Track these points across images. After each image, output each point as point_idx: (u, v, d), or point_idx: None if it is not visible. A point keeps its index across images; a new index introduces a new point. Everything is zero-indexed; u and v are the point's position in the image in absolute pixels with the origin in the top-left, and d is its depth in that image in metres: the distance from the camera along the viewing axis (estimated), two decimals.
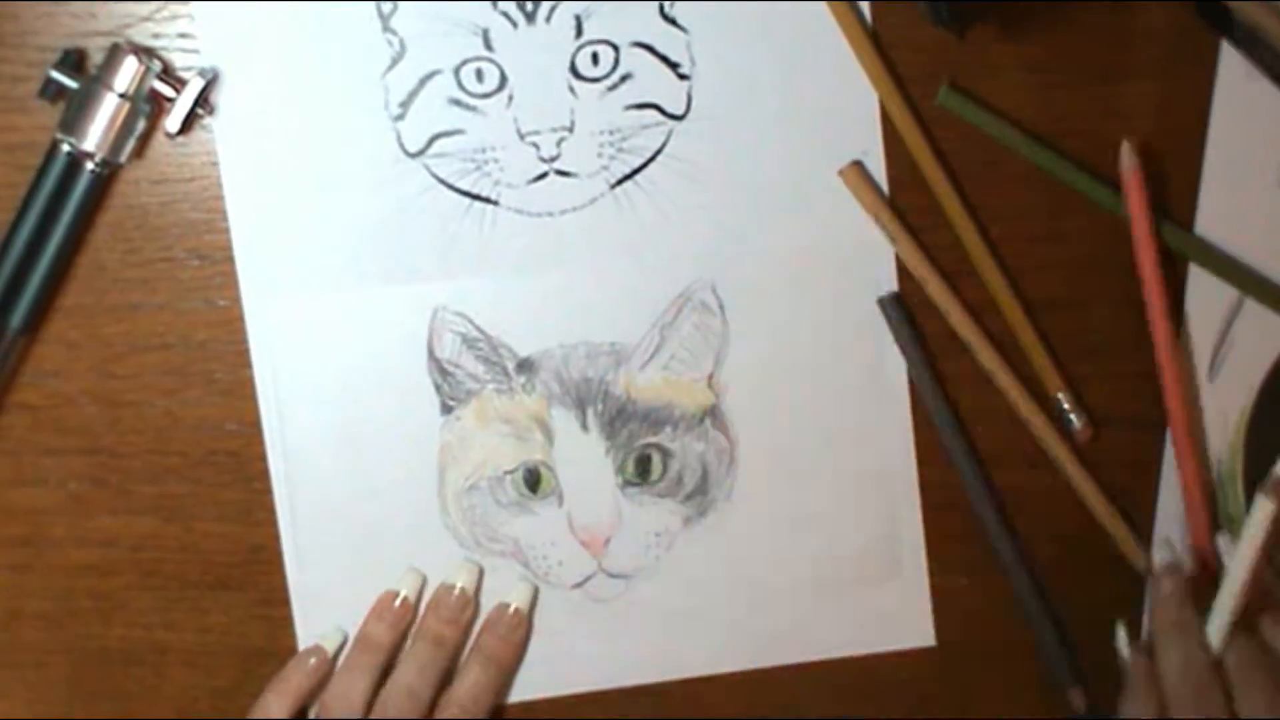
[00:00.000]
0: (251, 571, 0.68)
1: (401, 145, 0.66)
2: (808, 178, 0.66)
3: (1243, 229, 0.67)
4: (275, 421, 0.67)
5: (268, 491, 0.68)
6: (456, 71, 0.65)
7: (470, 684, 0.67)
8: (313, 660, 0.67)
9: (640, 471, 0.68)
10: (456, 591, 0.68)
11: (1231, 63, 0.66)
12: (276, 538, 0.68)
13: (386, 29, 0.65)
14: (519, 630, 0.68)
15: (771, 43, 0.65)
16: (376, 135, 0.65)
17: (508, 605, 0.68)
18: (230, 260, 0.66)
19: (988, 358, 0.67)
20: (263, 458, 0.67)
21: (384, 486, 0.68)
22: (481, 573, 0.68)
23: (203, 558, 0.68)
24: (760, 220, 0.67)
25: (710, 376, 0.68)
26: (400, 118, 0.65)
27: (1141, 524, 0.70)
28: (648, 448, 0.68)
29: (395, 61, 0.65)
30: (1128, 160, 0.65)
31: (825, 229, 0.67)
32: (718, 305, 0.67)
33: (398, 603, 0.68)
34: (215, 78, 0.65)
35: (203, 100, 0.64)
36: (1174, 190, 0.67)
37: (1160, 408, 0.68)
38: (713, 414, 0.68)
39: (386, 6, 0.65)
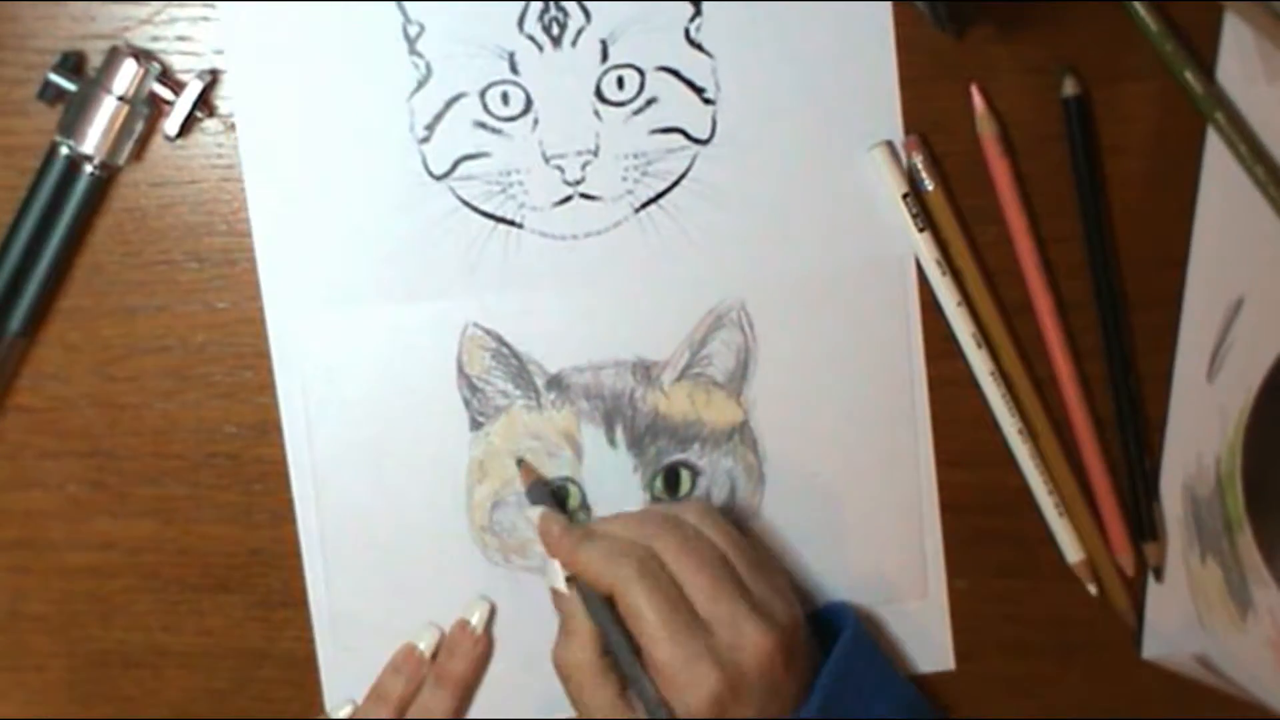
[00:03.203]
0: (250, 574, 0.68)
1: (427, 167, 0.66)
2: (831, 201, 0.66)
3: (1243, 227, 0.67)
4: (303, 438, 0.67)
5: (267, 494, 0.68)
6: (482, 94, 0.65)
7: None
8: None
9: (669, 488, 0.68)
10: (469, 629, 0.68)
11: (1230, 64, 0.66)
12: (275, 540, 0.68)
13: (413, 52, 0.65)
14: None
15: (796, 68, 0.65)
16: (402, 157, 0.65)
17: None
18: (229, 263, 0.66)
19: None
20: (261, 460, 0.67)
21: (412, 502, 0.67)
22: (494, 610, 0.68)
23: (201, 560, 0.68)
24: (785, 242, 0.67)
25: (739, 393, 0.68)
26: (426, 140, 0.65)
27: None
28: (676, 464, 0.68)
29: (421, 84, 0.65)
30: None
31: (849, 248, 0.67)
32: (746, 323, 0.67)
33: (416, 654, 0.68)
34: (214, 80, 0.65)
35: (202, 102, 0.64)
36: (1172, 190, 0.67)
37: (1160, 408, 0.68)
38: (741, 431, 0.68)
39: (413, 29, 0.65)
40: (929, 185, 0.66)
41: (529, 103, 0.65)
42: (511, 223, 0.66)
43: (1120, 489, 0.69)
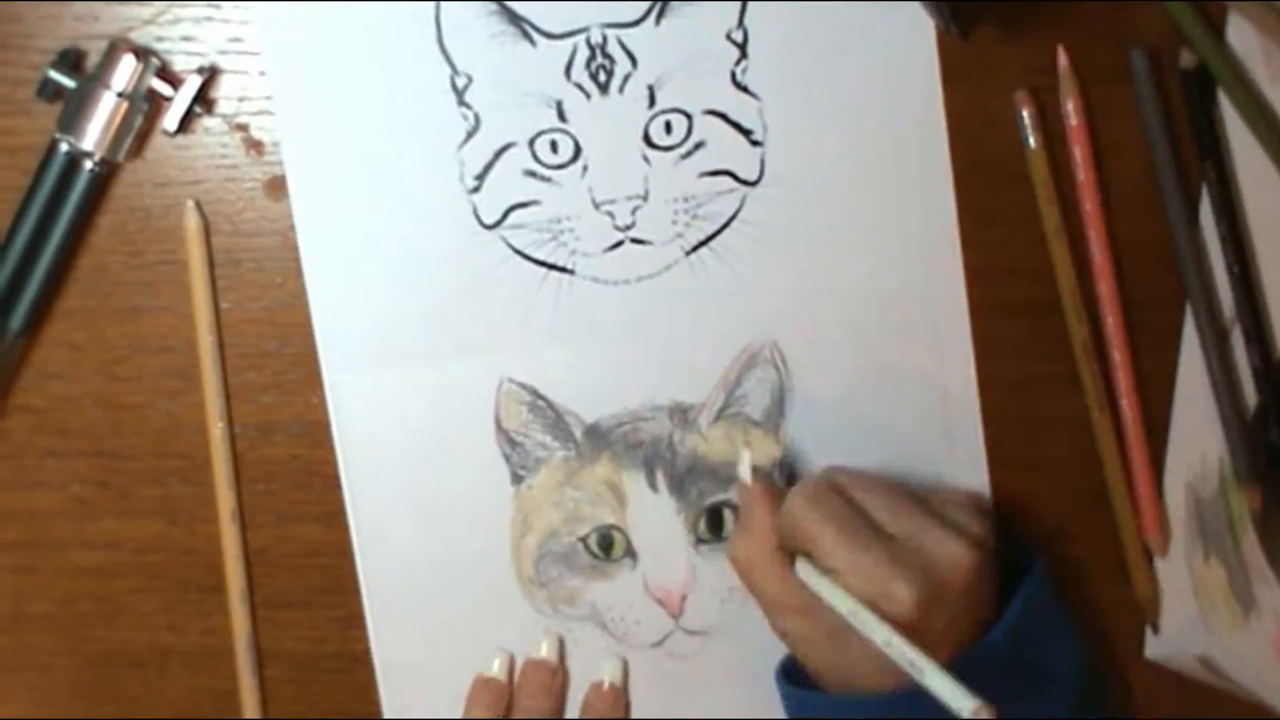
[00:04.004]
0: (254, 574, 0.68)
1: (478, 217, 0.66)
2: (878, 238, 0.66)
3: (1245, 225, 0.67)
4: (355, 498, 0.67)
5: (270, 494, 0.68)
6: (531, 143, 0.65)
7: None
8: None
9: (713, 528, 0.68)
10: (542, 663, 0.68)
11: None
12: (279, 540, 0.68)
13: (461, 103, 0.65)
14: (617, 706, 0.68)
15: (842, 108, 0.66)
16: (453, 208, 0.66)
17: (601, 682, 0.69)
18: (233, 263, 0.66)
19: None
20: (264, 460, 0.68)
21: (460, 558, 0.68)
22: (563, 641, 0.69)
23: (205, 560, 0.68)
24: (830, 280, 0.67)
25: (777, 430, 0.68)
26: (476, 190, 0.65)
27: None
28: (719, 505, 0.68)
29: (470, 135, 0.65)
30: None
31: (893, 285, 0.67)
32: (780, 360, 0.67)
33: (493, 684, 0.68)
34: (213, 76, 0.65)
35: (201, 98, 0.64)
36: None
37: (1164, 408, 0.69)
38: (780, 466, 0.68)
39: (461, 81, 0.65)
40: (1032, 143, 0.66)
41: (578, 150, 0.65)
42: (563, 269, 0.66)
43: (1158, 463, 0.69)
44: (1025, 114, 0.66)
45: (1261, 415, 0.66)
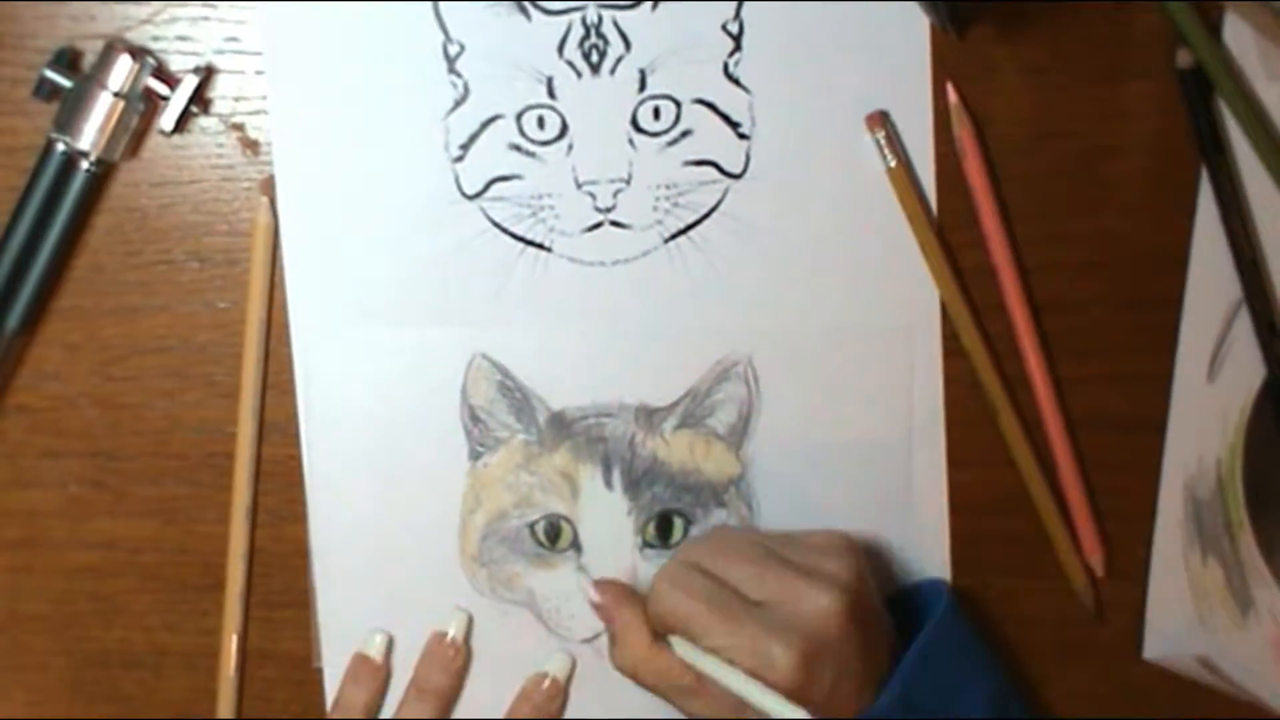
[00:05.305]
0: (251, 574, 0.68)
1: (459, 187, 0.66)
2: (859, 248, 0.66)
3: None
4: (312, 453, 0.67)
5: (267, 494, 0.68)
6: (518, 117, 0.65)
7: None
8: None
9: (661, 534, 0.68)
10: (448, 640, 0.68)
11: None
12: (276, 540, 0.68)
13: (452, 71, 0.65)
14: (553, 702, 0.68)
15: (833, 107, 0.65)
16: (435, 176, 0.65)
17: (544, 675, 0.68)
18: (230, 263, 0.66)
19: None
20: (259, 459, 0.68)
21: (408, 525, 0.68)
22: (471, 621, 0.68)
23: (202, 560, 0.68)
24: (807, 288, 0.67)
25: (738, 447, 0.68)
26: (460, 159, 0.65)
27: (1137, 527, 0.70)
28: (670, 511, 0.68)
29: (458, 104, 0.65)
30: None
31: (870, 303, 0.67)
32: (752, 377, 0.67)
33: (370, 662, 0.68)
34: (209, 76, 0.65)
35: (197, 98, 0.64)
36: (1172, 190, 0.67)
37: (1160, 409, 0.68)
38: (738, 484, 0.68)
39: (453, 49, 0.65)
40: (891, 162, 0.66)
41: (564, 128, 0.65)
42: (541, 246, 0.66)
43: (1091, 488, 0.69)
44: (880, 137, 0.65)
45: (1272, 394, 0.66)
